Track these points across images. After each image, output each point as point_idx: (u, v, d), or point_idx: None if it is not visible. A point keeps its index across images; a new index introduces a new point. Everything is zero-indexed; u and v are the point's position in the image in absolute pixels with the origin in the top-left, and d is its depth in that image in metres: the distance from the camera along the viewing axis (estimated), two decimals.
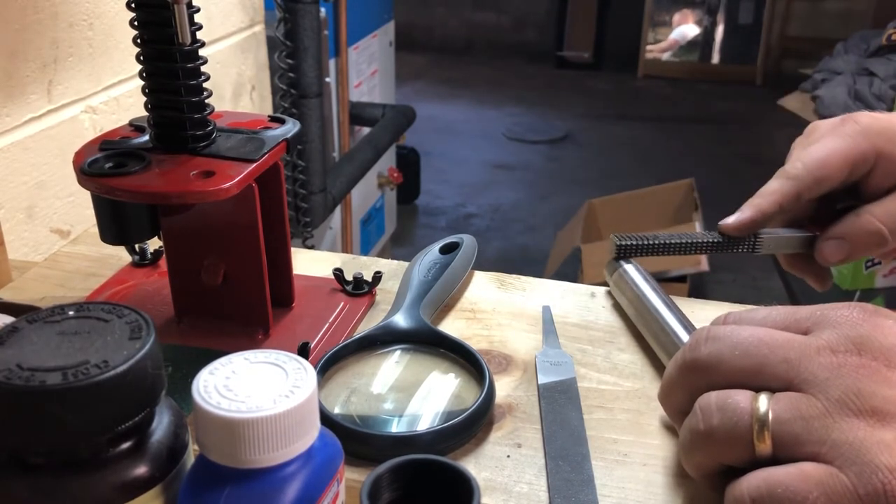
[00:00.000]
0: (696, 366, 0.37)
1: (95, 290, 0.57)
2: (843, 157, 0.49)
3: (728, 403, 0.35)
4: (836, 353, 0.34)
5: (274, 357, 0.31)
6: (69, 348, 0.29)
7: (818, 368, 0.34)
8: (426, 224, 3.12)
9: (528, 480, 0.41)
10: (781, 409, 0.33)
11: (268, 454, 0.29)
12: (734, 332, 0.37)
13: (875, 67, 2.54)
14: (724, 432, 0.34)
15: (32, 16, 0.73)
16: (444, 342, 0.49)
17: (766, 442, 0.33)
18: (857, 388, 0.33)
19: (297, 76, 1.43)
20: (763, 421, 0.33)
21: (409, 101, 3.26)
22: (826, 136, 0.50)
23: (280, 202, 0.50)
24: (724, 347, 0.37)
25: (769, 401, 0.34)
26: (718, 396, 0.35)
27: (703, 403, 0.36)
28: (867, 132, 0.49)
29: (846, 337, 0.34)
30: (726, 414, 0.35)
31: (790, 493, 0.32)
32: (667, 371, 0.40)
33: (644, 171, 3.38)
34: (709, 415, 0.35)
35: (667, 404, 0.41)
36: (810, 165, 0.49)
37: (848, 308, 0.36)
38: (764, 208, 0.51)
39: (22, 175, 0.74)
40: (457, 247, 0.58)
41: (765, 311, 0.39)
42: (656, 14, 4.88)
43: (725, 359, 0.36)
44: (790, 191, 0.50)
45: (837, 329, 0.35)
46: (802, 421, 0.33)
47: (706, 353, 0.37)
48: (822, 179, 0.49)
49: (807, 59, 4.18)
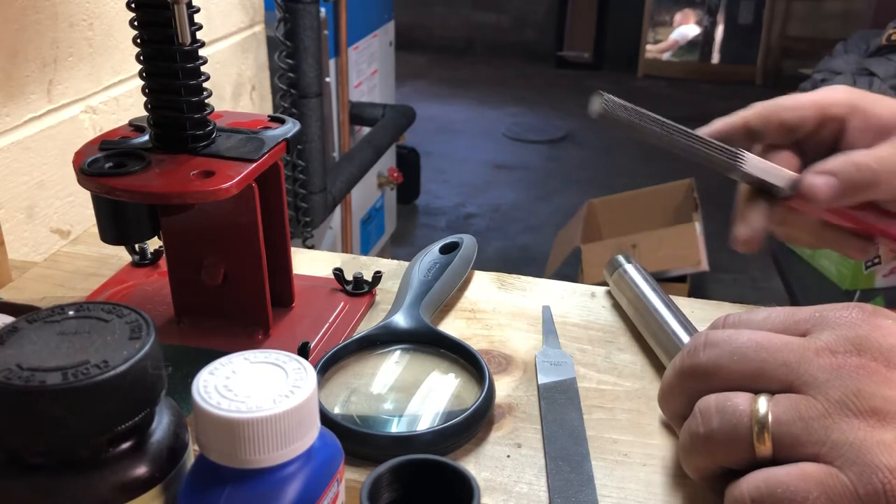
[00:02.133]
0: (695, 372, 0.37)
1: (95, 290, 0.57)
2: (811, 98, 0.48)
3: (727, 406, 0.35)
4: (835, 354, 0.34)
5: (274, 357, 0.31)
6: (69, 348, 0.29)
7: (817, 370, 0.34)
8: (426, 224, 3.12)
9: (528, 480, 0.41)
10: (781, 411, 0.33)
11: (268, 454, 0.29)
12: (732, 336, 0.37)
13: (875, 67, 2.53)
14: (724, 435, 0.34)
15: (32, 16, 0.73)
16: (444, 342, 0.49)
17: (767, 444, 0.33)
18: (857, 389, 0.33)
19: (297, 76, 1.43)
20: (763, 423, 0.33)
21: (409, 101, 3.25)
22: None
23: (280, 202, 0.50)
24: (722, 353, 0.36)
25: (768, 403, 0.34)
26: (718, 399, 0.35)
27: (702, 406, 0.36)
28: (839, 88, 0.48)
29: (845, 338, 0.34)
30: (726, 416, 0.35)
31: (790, 493, 0.32)
32: (665, 376, 0.40)
33: (644, 171, 3.38)
34: (708, 417, 0.35)
35: (666, 408, 0.41)
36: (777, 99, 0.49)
37: (847, 309, 0.36)
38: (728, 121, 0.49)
39: (22, 175, 0.74)
40: (457, 247, 0.58)
41: (763, 312, 0.39)
42: (656, 14, 4.88)
43: (724, 364, 0.36)
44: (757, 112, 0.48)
45: (836, 330, 0.35)
46: (802, 422, 0.33)
47: (705, 359, 0.37)
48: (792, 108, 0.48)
49: (807, 59, 4.18)
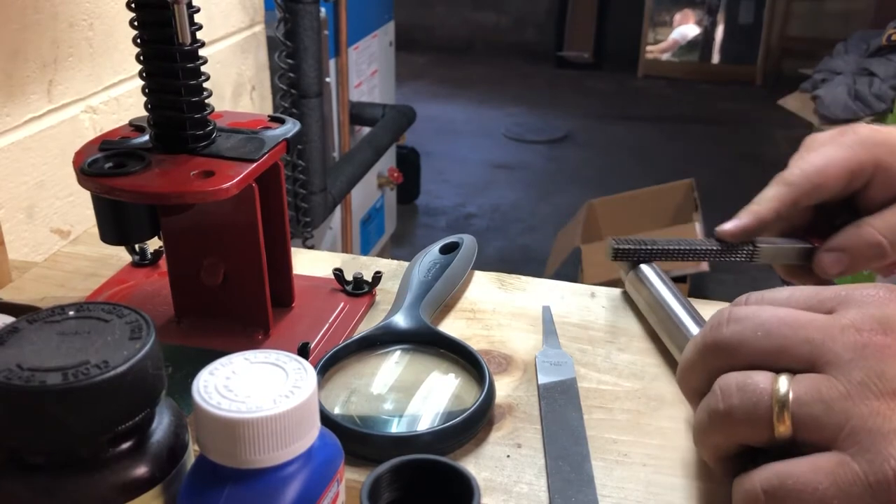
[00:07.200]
0: (718, 347, 0.37)
1: (95, 290, 0.57)
2: (842, 166, 0.49)
3: (748, 384, 0.35)
4: (860, 331, 0.34)
5: (274, 357, 0.31)
6: (69, 348, 0.29)
7: (842, 349, 0.34)
8: (426, 224, 3.12)
9: (528, 480, 0.41)
10: (802, 391, 0.33)
11: (268, 454, 0.29)
12: (756, 312, 0.37)
13: (875, 67, 2.53)
14: (744, 413, 0.34)
15: (32, 16, 0.73)
16: (444, 342, 0.49)
17: (786, 423, 0.33)
18: (881, 370, 0.32)
19: (297, 76, 1.43)
20: (783, 402, 0.33)
21: (409, 101, 3.25)
22: (825, 145, 0.50)
23: (280, 202, 0.50)
24: (745, 329, 0.36)
25: (790, 382, 0.34)
26: (738, 377, 0.35)
27: (722, 384, 0.36)
28: (866, 143, 0.49)
29: (871, 316, 0.34)
30: (746, 394, 0.34)
31: (800, 484, 0.32)
32: (685, 352, 0.39)
33: (644, 171, 3.38)
34: (728, 395, 0.35)
35: (685, 385, 0.40)
36: (808, 171, 0.49)
37: (874, 287, 0.36)
38: (761, 214, 0.50)
39: (22, 175, 0.74)
40: (457, 247, 0.58)
41: (788, 290, 0.39)
42: (656, 14, 4.88)
43: (747, 340, 0.36)
44: (787, 197, 0.50)
45: (863, 308, 0.35)
46: (822, 403, 0.33)
47: (728, 333, 0.37)
48: (820, 185, 0.49)
49: (807, 59, 4.18)
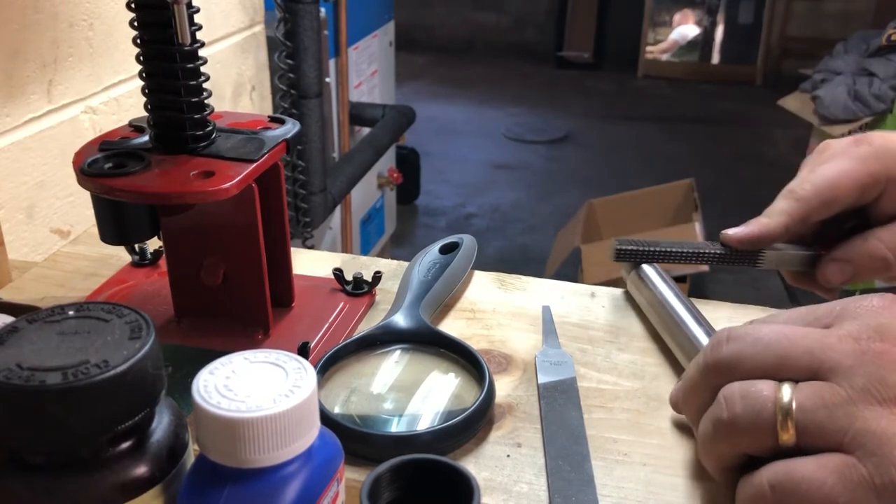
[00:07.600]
0: (718, 365, 0.37)
1: (95, 290, 0.57)
2: (854, 180, 0.48)
3: (751, 392, 0.35)
4: (858, 340, 0.34)
5: (274, 357, 0.31)
6: (69, 348, 0.29)
7: (842, 356, 0.34)
8: (426, 224, 3.12)
9: (528, 480, 0.41)
10: (805, 398, 0.34)
11: (268, 454, 0.29)
12: (754, 329, 0.37)
13: (875, 67, 2.53)
14: (748, 421, 0.35)
15: (32, 16, 0.73)
16: (443, 342, 0.49)
17: (790, 431, 0.34)
18: (882, 377, 0.33)
19: (297, 76, 1.43)
20: (787, 410, 0.34)
21: (409, 101, 3.25)
22: (837, 156, 0.49)
23: (280, 202, 0.50)
24: (745, 345, 0.37)
25: (793, 390, 0.34)
26: (742, 385, 0.36)
27: (726, 393, 0.36)
28: (879, 154, 0.48)
29: (867, 326, 0.35)
30: (749, 402, 0.35)
31: (807, 481, 0.32)
32: (687, 373, 0.40)
33: (644, 171, 3.38)
34: (732, 403, 0.35)
35: (688, 406, 0.40)
36: (820, 187, 0.48)
37: (867, 299, 0.36)
38: (770, 228, 0.50)
39: (22, 175, 0.74)
40: (457, 247, 0.58)
41: (784, 314, 0.39)
42: (656, 14, 4.88)
43: (747, 355, 0.36)
44: (797, 212, 0.49)
45: (858, 319, 0.35)
46: (826, 409, 0.33)
47: (728, 351, 0.37)
48: (831, 202, 0.48)
49: (807, 59, 4.18)
